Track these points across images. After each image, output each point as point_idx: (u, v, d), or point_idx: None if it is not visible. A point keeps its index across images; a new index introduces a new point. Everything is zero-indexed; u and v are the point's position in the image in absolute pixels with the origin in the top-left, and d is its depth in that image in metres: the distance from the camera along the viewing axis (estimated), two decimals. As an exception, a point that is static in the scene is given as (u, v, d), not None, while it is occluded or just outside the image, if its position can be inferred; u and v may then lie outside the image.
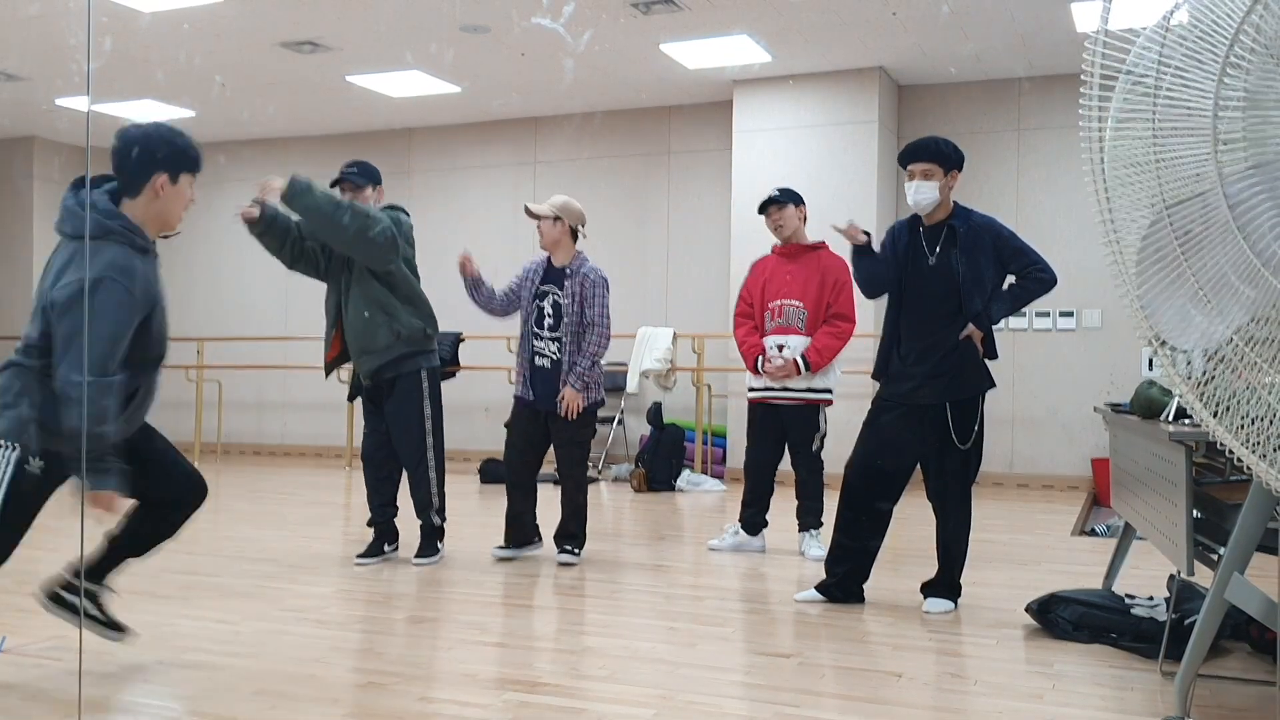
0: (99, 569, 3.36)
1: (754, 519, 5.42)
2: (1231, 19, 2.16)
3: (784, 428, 5.29)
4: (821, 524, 5.29)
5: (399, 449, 5.00)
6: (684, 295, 9.42)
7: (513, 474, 5.15)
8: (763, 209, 5.35)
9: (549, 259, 5.16)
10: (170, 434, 3.31)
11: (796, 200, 5.33)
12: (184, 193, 3.17)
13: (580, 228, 5.14)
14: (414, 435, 4.95)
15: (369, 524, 5.12)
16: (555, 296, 5.06)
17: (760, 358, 5.22)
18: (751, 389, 5.36)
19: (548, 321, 5.05)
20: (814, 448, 5.26)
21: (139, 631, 3.48)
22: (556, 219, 5.05)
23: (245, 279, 11.01)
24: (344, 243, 4.72)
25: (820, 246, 5.31)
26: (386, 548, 5.10)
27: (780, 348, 5.19)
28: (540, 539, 5.28)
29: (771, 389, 5.24)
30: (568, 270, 5.07)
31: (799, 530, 5.36)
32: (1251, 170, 2.17)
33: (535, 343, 5.07)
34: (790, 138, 8.54)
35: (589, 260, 5.14)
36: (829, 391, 5.25)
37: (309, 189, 4.59)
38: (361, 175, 4.94)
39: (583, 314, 5.02)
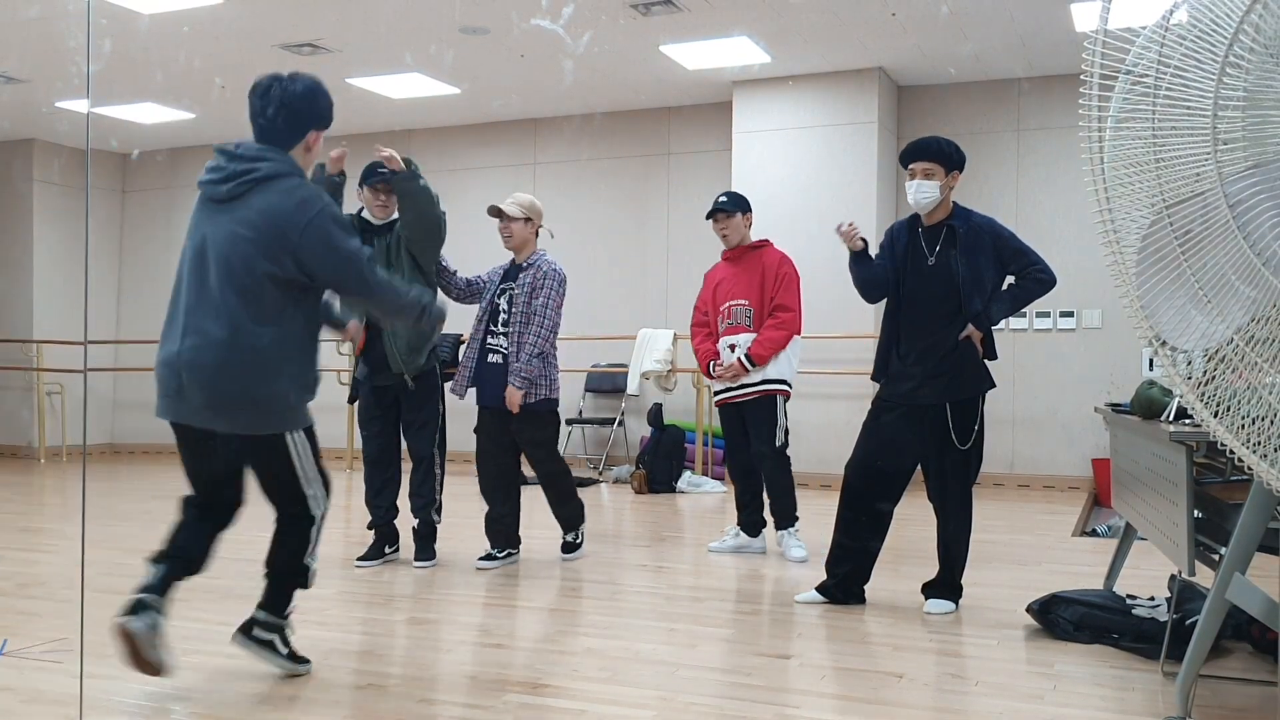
0: (275, 602, 3.22)
1: (751, 519, 5.41)
2: (1231, 18, 2.15)
3: (746, 424, 5.27)
4: (797, 519, 5.28)
5: (413, 445, 4.99)
6: (684, 296, 9.40)
7: (487, 479, 5.10)
8: (711, 215, 5.38)
9: (512, 260, 5.12)
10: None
11: (744, 208, 5.37)
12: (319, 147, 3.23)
13: (543, 226, 5.15)
14: (429, 432, 4.98)
15: (370, 526, 5.12)
16: (511, 291, 5.00)
17: (713, 362, 5.28)
18: (716, 392, 5.39)
19: (502, 317, 4.99)
20: (777, 442, 5.19)
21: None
22: (527, 219, 5.02)
23: (245, 281, 10.99)
24: (434, 231, 4.83)
25: (763, 245, 5.37)
26: (387, 550, 5.10)
27: (732, 347, 5.22)
28: (519, 546, 5.21)
29: (730, 388, 5.25)
30: (524, 265, 5.02)
31: (775, 529, 5.32)
32: (1251, 170, 2.17)
33: (488, 340, 5.00)
34: (790, 138, 8.55)
35: (548, 255, 5.06)
36: (784, 383, 5.22)
37: (419, 175, 4.74)
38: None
39: (529, 303, 4.92)
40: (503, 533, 5.09)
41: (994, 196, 8.38)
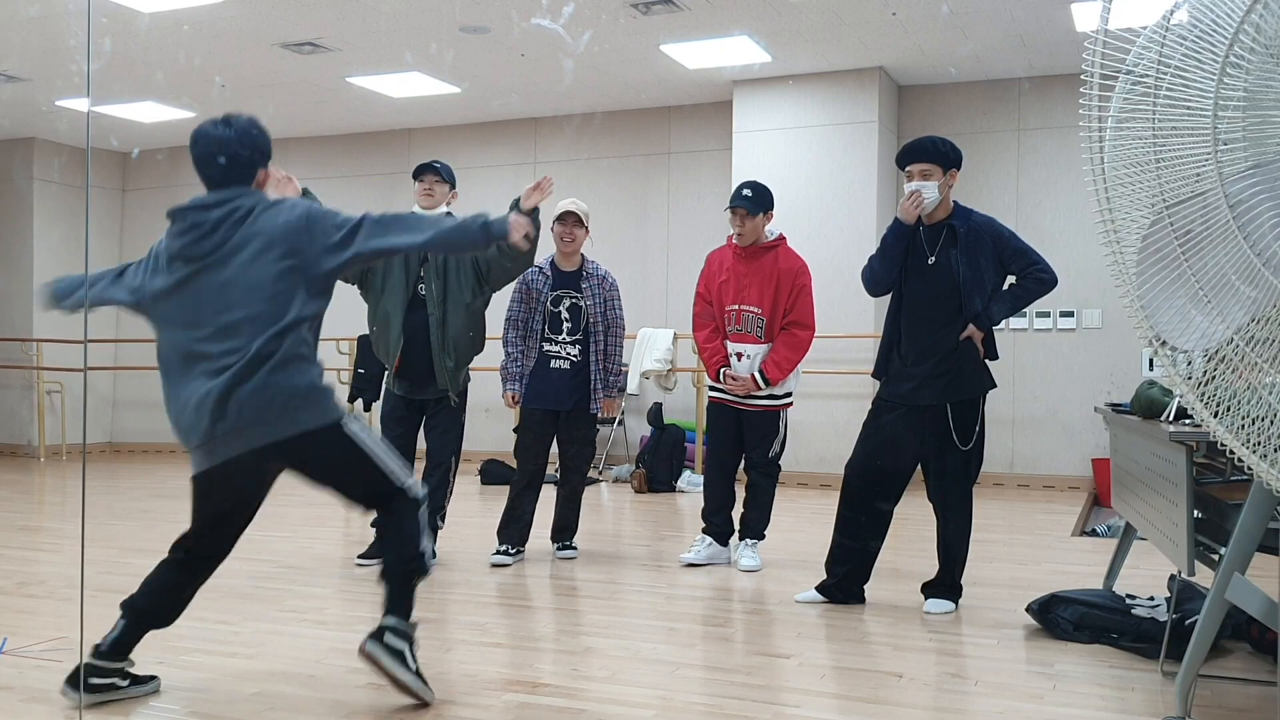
0: (400, 603, 3.04)
1: (723, 527, 5.16)
2: (1231, 18, 2.15)
3: (742, 430, 5.05)
4: (764, 537, 5.11)
5: (435, 448, 4.99)
6: (684, 296, 9.40)
7: (527, 478, 5.16)
8: (731, 207, 4.99)
9: (552, 264, 5.21)
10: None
11: (766, 207, 4.95)
12: None
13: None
14: (453, 436, 5.01)
15: (374, 524, 5.11)
16: (574, 300, 5.15)
17: (723, 369, 4.97)
18: (714, 389, 5.09)
19: (566, 326, 5.14)
20: (771, 453, 5.02)
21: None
22: (586, 227, 5.19)
23: (245, 280, 10.99)
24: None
25: (778, 245, 5.01)
26: None
27: (740, 356, 4.95)
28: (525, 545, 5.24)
29: (734, 395, 5.01)
30: (584, 273, 5.19)
31: (738, 538, 5.11)
32: (1251, 170, 2.17)
33: (548, 347, 5.13)
34: (790, 138, 8.54)
35: (598, 263, 5.28)
36: (789, 396, 5.04)
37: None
38: (448, 175, 5.07)
39: (605, 315, 5.16)
40: (522, 530, 5.17)
41: (994, 196, 8.38)
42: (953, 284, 4.07)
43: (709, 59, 8.08)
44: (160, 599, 3.07)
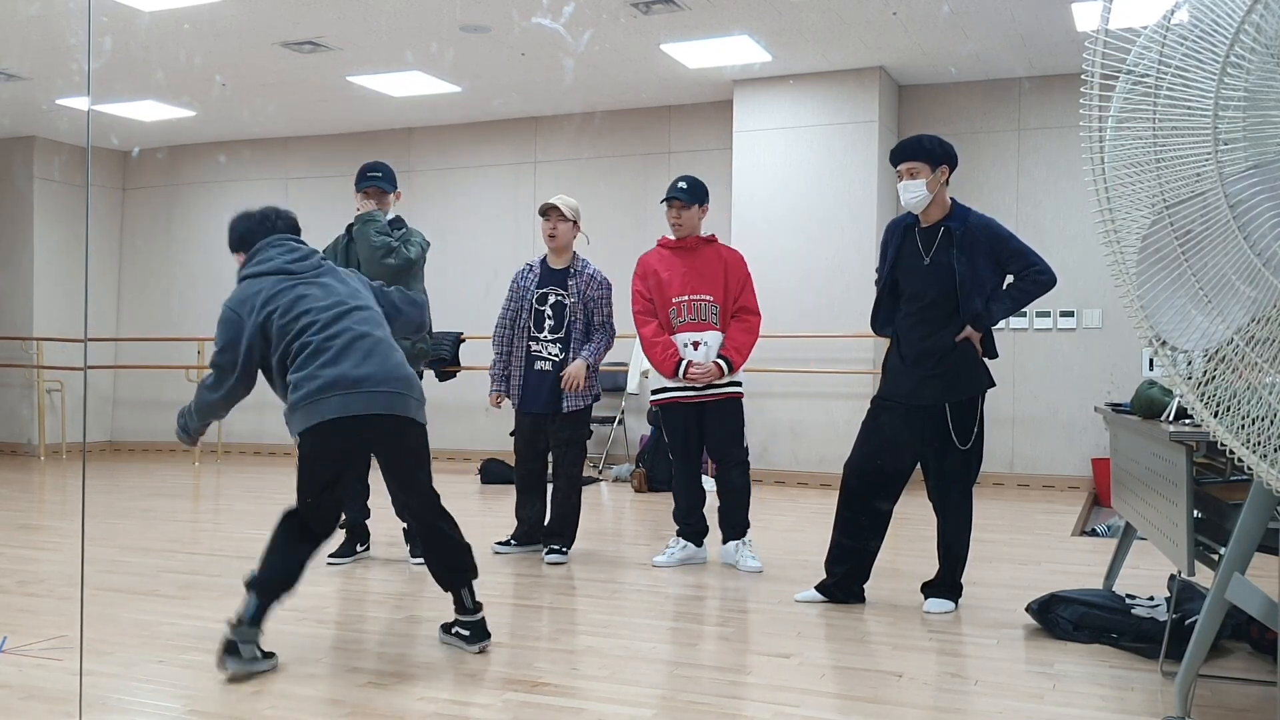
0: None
1: (698, 528, 5.11)
2: (1232, 18, 2.15)
3: (703, 427, 5.00)
4: (748, 528, 5.05)
5: None
6: (684, 295, 9.41)
7: (523, 482, 5.26)
8: (666, 202, 5.10)
9: (544, 261, 5.22)
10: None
11: (702, 200, 5.08)
12: None
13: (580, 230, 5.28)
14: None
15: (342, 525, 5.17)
16: (558, 297, 5.10)
17: (683, 363, 4.90)
18: (665, 390, 5.00)
19: (549, 324, 5.09)
20: (743, 444, 5.03)
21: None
22: (574, 223, 5.17)
23: (245, 279, 10.99)
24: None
25: (713, 239, 5.13)
26: (359, 548, 5.14)
27: (695, 345, 4.92)
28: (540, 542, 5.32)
29: (690, 389, 4.94)
30: (571, 271, 5.14)
31: (726, 540, 5.04)
32: (1251, 170, 2.17)
33: (534, 346, 5.10)
34: (790, 138, 8.54)
35: (590, 262, 5.22)
36: (741, 385, 5.03)
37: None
38: (386, 180, 4.97)
39: (590, 317, 5.09)
40: (526, 530, 5.25)
41: (994, 196, 8.38)
42: (949, 285, 4.06)
43: (709, 58, 8.08)
44: None
